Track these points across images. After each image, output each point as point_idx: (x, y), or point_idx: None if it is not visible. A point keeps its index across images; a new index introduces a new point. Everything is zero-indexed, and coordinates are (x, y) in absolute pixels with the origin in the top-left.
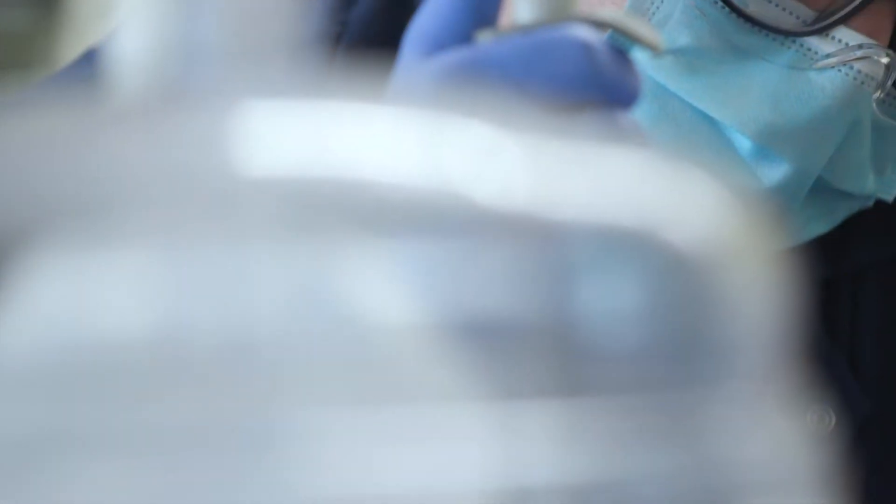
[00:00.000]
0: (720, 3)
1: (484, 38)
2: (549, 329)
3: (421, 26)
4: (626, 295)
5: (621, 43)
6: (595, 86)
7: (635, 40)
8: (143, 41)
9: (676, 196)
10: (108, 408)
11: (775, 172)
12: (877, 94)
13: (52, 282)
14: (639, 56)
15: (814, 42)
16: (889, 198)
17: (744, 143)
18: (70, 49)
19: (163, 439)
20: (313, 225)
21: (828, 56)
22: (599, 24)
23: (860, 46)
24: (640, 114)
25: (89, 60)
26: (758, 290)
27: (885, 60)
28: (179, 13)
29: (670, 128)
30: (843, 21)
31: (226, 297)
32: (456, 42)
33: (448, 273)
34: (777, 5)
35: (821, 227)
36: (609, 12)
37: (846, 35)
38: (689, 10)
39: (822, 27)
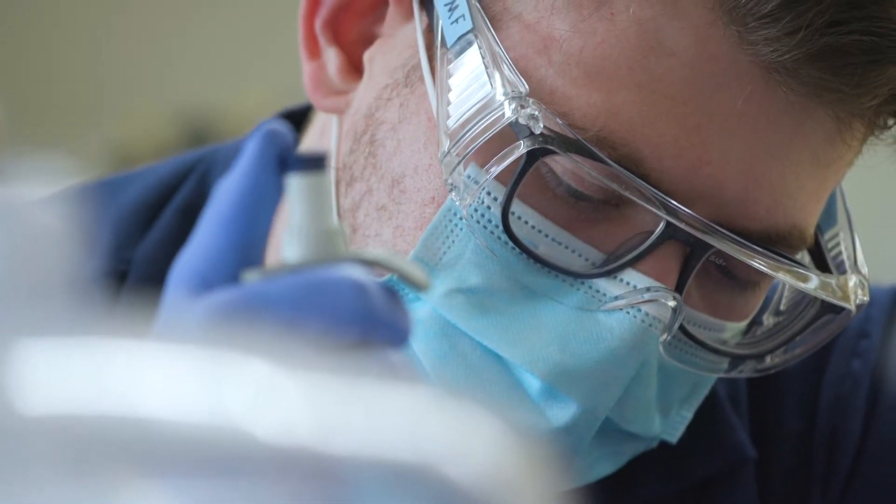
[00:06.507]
0: (511, 244)
1: (251, 278)
2: None
3: (187, 265)
4: None
5: (393, 282)
6: (368, 325)
7: (401, 278)
8: None
9: (454, 433)
10: None
11: (564, 413)
12: (664, 337)
13: None
14: (429, 295)
15: (603, 284)
16: (673, 440)
17: (533, 383)
18: None
19: None
20: (91, 464)
21: (616, 298)
22: (367, 263)
23: (648, 289)
24: (429, 351)
25: None
26: None
27: (671, 304)
28: None
29: (459, 366)
30: (631, 264)
31: None
32: (223, 281)
33: None
34: (567, 247)
35: (607, 468)
36: (376, 251)
37: (634, 277)
38: (479, 250)
39: (610, 270)
